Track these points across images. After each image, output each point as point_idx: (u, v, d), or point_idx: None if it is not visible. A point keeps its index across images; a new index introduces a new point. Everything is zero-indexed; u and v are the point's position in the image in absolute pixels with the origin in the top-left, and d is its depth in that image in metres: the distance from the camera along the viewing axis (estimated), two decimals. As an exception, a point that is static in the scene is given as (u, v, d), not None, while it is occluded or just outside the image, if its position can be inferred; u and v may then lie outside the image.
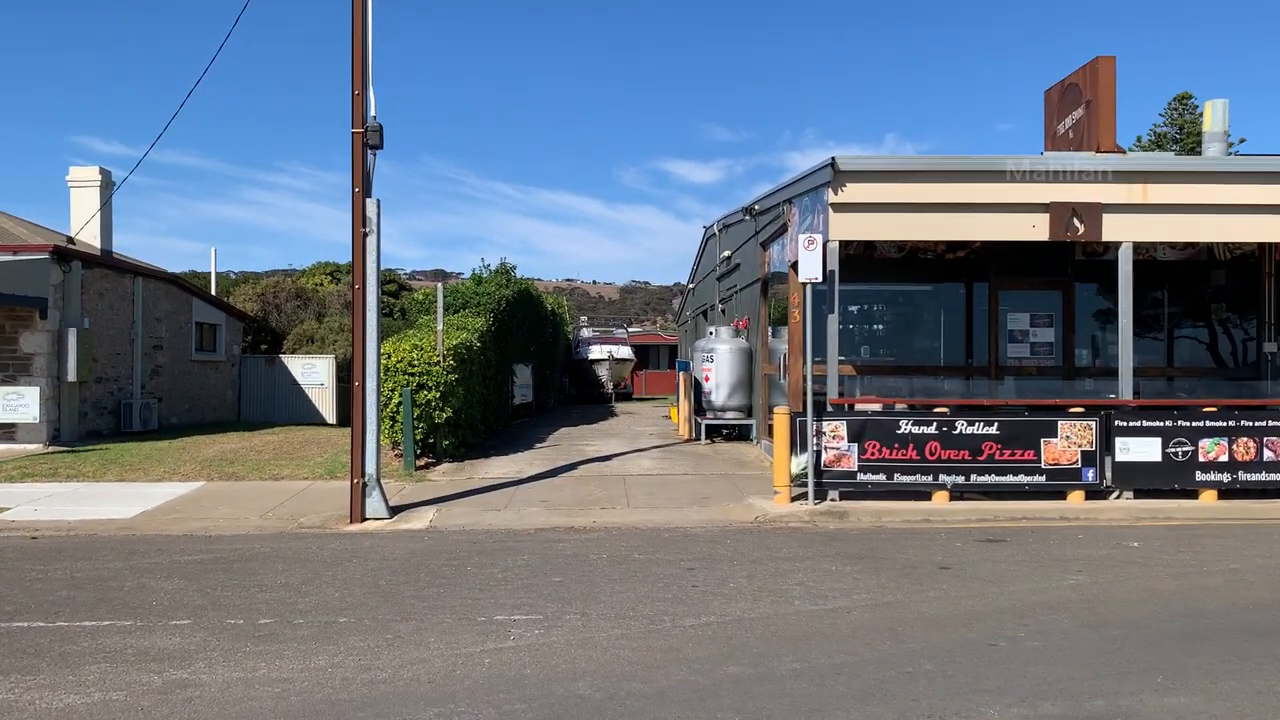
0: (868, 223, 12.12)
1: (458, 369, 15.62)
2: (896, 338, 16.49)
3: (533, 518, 11.52)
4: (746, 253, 18.98)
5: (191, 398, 24.63)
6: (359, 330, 11.60)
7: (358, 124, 11.59)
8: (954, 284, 15.83)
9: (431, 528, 10.98)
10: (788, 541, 9.86)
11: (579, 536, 10.25)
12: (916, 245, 15.01)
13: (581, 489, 13.41)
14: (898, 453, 11.89)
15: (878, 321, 17.36)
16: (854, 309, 17.23)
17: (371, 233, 11.60)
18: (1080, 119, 13.18)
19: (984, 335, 15.48)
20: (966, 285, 16.44)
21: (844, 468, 11.91)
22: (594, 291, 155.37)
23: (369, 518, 11.49)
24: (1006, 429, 11.89)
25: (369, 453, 11.55)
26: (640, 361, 44.23)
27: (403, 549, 9.56)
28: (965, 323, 16.35)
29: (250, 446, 18.16)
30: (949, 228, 12.12)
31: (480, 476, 14.60)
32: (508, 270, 22.65)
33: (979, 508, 11.66)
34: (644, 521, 11.18)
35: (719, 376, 18.23)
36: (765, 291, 17.33)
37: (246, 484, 14.20)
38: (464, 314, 19.27)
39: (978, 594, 7.43)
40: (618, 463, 15.93)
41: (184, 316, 24.25)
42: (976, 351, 15.56)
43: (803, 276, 11.68)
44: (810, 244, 11.61)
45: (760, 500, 12.27)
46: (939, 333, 16.05)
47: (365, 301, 11.59)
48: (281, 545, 9.87)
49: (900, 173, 11.98)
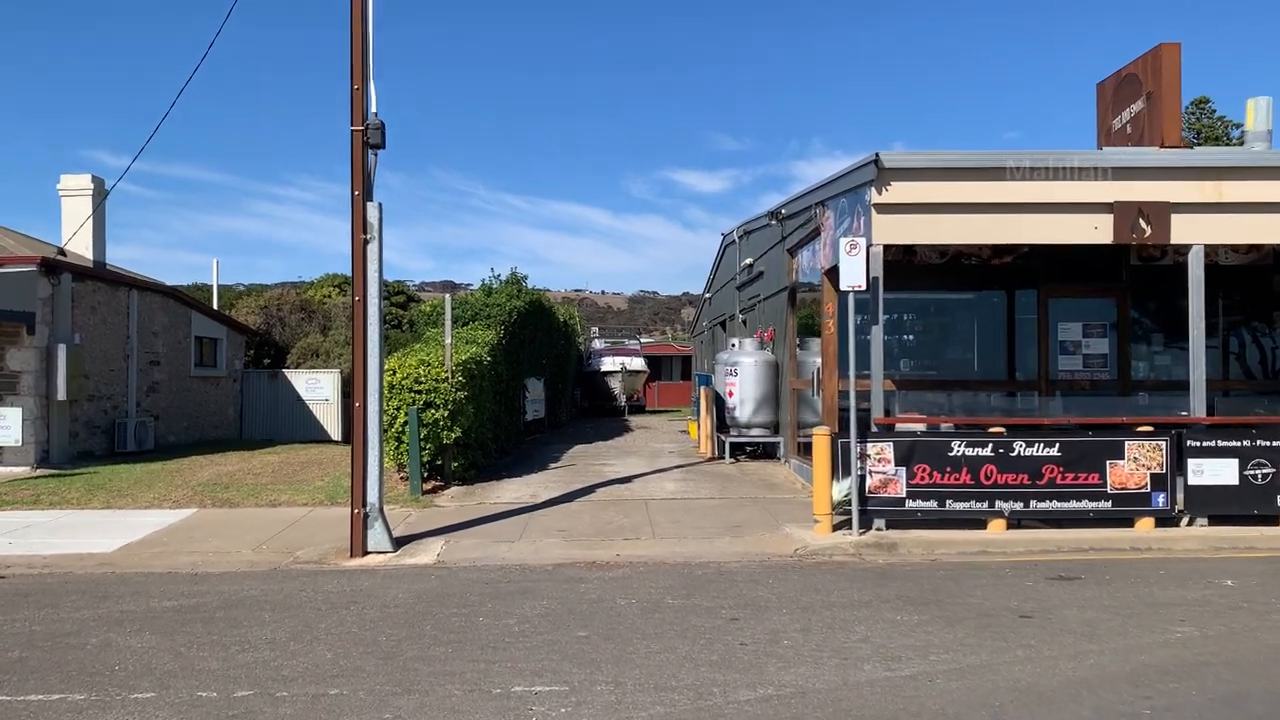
0: (914, 225, 11.10)
1: (467, 385, 14.63)
2: (935, 350, 15.45)
3: (550, 550, 10.50)
4: (771, 260, 17.95)
5: (191, 415, 23.69)
6: (359, 345, 10.61)
7: (357, 121, 10.62)
8: (999, 292, 14.78)
9: (439, 563, 9.97)
10: (836, 581, 8.81)
11: (602, 574, 9.21)
12: (960, 250, 13.97)
13: (601, 515, 12.38)
14: (950, 477, 10.83)
15: (915, 332, 16.32)
16: (888, 318, 16.17)
17: (373, 239, 10.62)
18: (1140, 112, 12.14)
19: (1031, 347, 14.41)
20: (1008, 293, 15.40)
21: (890, 494, 10.86)
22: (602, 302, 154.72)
23: (371, 551, 10.48)
24: (1069, 450, 10.82)
25: (371, 480, 10.55)
26: (652, 373, 43.20)
27: (407, 591, 8.53)
28: (1011, 334, 15.30)
29: (249, 468, 17.17)
30: (1003, 230, 11.08)
31: (492, 501, 13.58)
32: (519, 280, 21.67)
33: (1040, 538, 10.60)
34: (672, 555, 10.15)
35: (743, 391, 17.19)
36: (793, 300, 16.30)
37: (241, 511, 13.20)
38: (473, 326, 18.29)
39: (1074, 652, 6.37)
40: (639, 485, 14.89)
41: (182, 330, 23.32)
42: (1024, 364, 14.51)
43: (844, 284, 10.65)
44: (852, 249, 10.59)
45: (798, 529, 11.22)
46: (982, 345, 15.01)
47: (366, 314, 10.61)
48: (272, 587, 8.86)
49: (950, 170, 10.95)
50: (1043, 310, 13.78)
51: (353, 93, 10.64)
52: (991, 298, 14.93)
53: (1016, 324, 14.83)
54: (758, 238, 19.55)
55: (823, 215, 13.51)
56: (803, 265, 15.51)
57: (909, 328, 16.24)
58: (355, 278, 10.63)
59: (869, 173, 10.93)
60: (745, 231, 21.07)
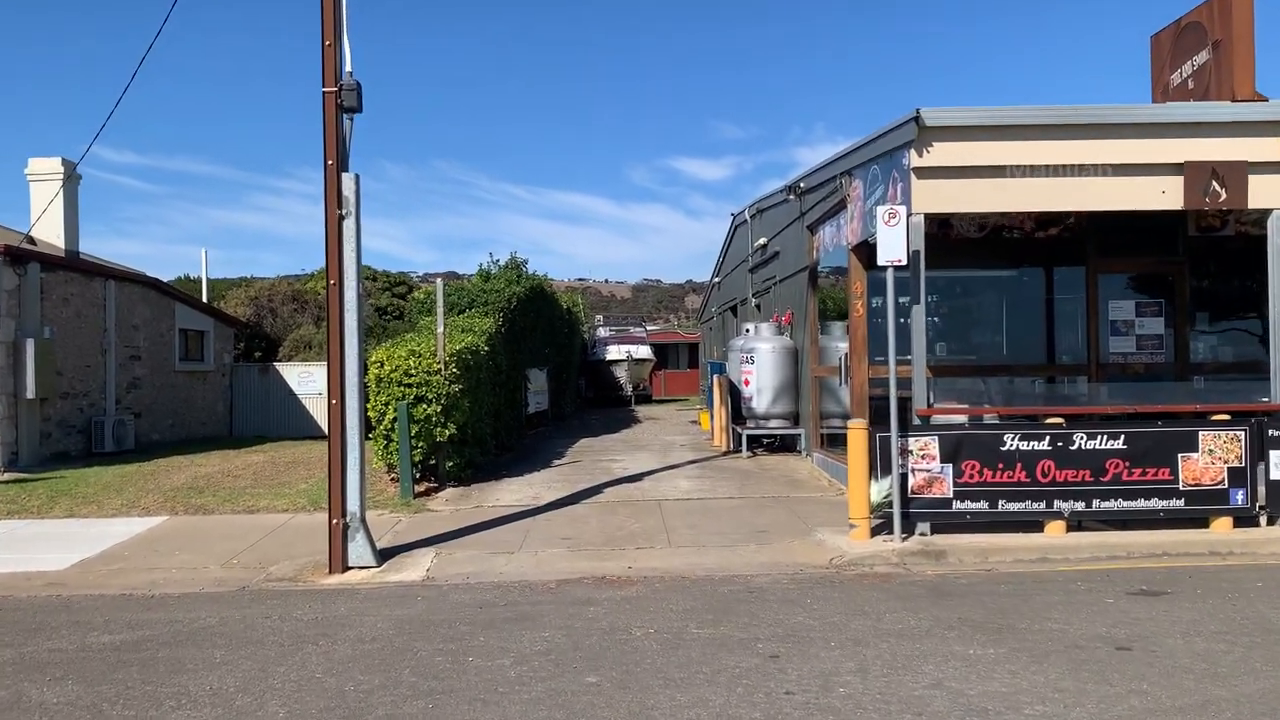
0: (958, 191, 9.86)
1: (462, 378, 13.43)
2: (963, 333, 14.21)
3: (554, 562, 9.31)
4: (788, 238, 16.71)
5: (176, 412, 22.52)
6: (335, 334, 9.40)
7: (329, 81, 9.39)
8: (1038, 269, 13.54)
9: (428, 580, 8.79)
10: (885, 599, 7.61)
11: (613, 593, 8.02)
12: (1001, 222, 12.74)
13: (610, 520, 11.19)
14: (1002, 474, 9.62)
15: (942, 314, 15.07)
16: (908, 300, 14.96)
17: (349, 215, 9.41)
18: (1205, 64, 10.87)
19: (1070, 328, 13.17)
20: (1046, 271, 14.16)
21: (936, 494, 9.65)
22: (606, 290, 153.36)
23: (352, 566, 9.31)
24: (1136, 443, 9.60)
25: (351, 486, 9.37)
26: (659, 361, 42.00)
27: (387, 619, 7.35)
28: (1050, 315, 14.06)
29: (230, 469, 16.00)
30: (1059, 195, 9.83)
31: (490, 504, 12.40)
32: (518, 265, 20.43)
33: (1105, 541, 9.40)
34: (693, 567, 8.96)
35: (760, 380, 15.97)
36: (813, 281, 15.07)
37: (215, 519, 12.03)
38: (470, 314, 17.08)
39: (1201, 700, 5.16)
40: (650, 483, 13.69)
41: (165, 323, 22.13)
42: (1064, 347, 13.27)
43: (882, 258, 9.43)
44: (891, 218, 9.35)
45: (832, 534, 10.02)
46: (1017, 327, 13.77)
47: (343, 299, 9.41)
48: (235, 614, 7.68)
49: (1000, 128, 9.71)
50: (1092, 287, 12.53)
51: (324, 50, 9.41)
52: (1037, 275, 13.68)
53: (1066, 303, 13.58)
54: (772, 215, 18.31)
55: (850, 185, 12.27)
56: (825, 242, 14.27)
57: (949, 309, 15.01)
58: (329, 259, 9.42)
59: (908, 133, 9.69)
60: (758, 210, 19.82)
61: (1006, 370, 13.19)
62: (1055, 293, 13.56)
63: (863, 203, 11.71)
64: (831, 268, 14.96)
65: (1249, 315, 12.68)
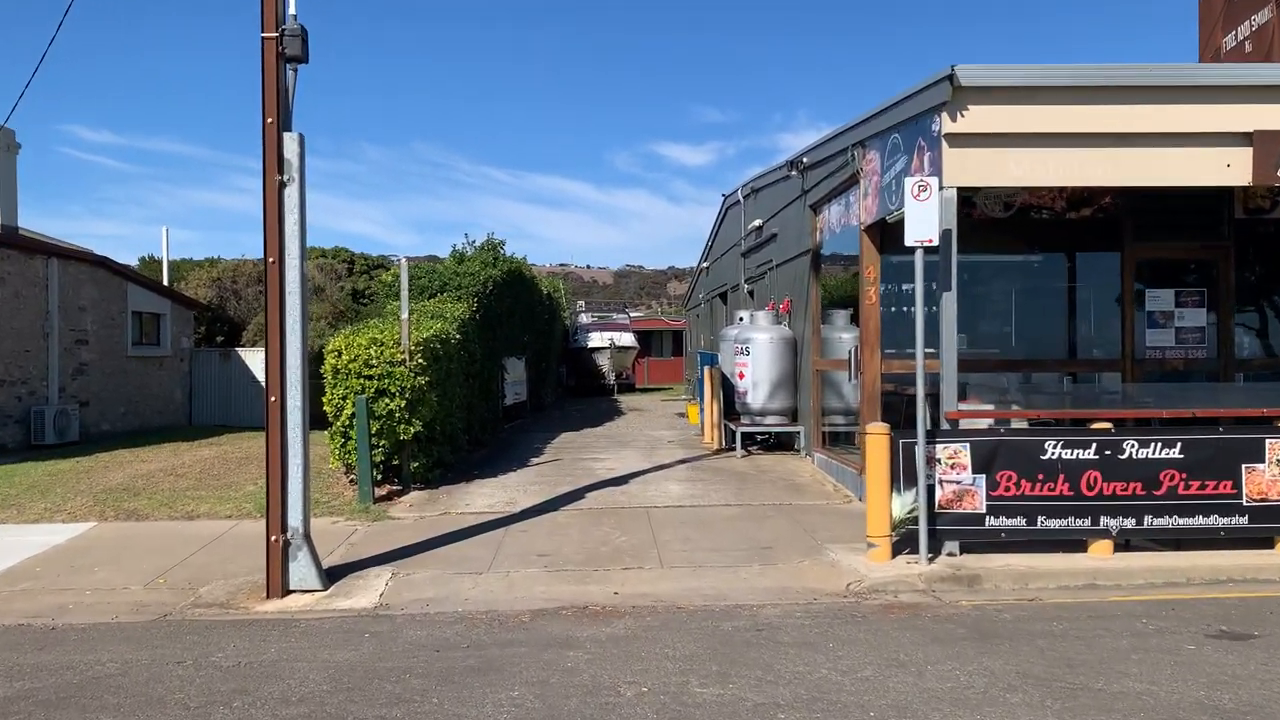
0: (996, 162, 8.60)
1: (430, 368, 12.11)
2: (993, 324, 13.00)
3: (528, 585, 8.05)
4: (788, 219, 15.44)
5: (129, 400, 21.07)
6: (274, 321, 8.08)
7: (269, 26, 8.04)
8: (1071, 253, 12.33)
9: (380, 609, 7.51)
10: (919, 641, 6.39)
11: (598, 629, 6.77)
12: (1030, 201, 11.51)
13: (593, 532, 9.93)
14: (1043, 487, 8.41)
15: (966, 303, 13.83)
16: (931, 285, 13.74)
17: (292, 181, 8.08)
18: (1267, 24, 9.64)
19: (1111, 319, 11.96)
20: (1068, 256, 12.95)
21: (966, 509, 8.43)
22: (588, 276, 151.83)
23: (294, 589, 8.03)
24: (1194, 451, 8.41)
25: (292, 498, 8.07)
26: (642, 349, 40.73)
27: (324, 668, 6.06)
28: (1071, 304, 12.87)
29: (177, 465, 14.62)
30: (1110, 168, 8.59)
31: (459, 511, 11.11)
32: (495, 246, 19.05)
33: (1160, 565, 8.21)
34: (689, 594, 7.72)
35: (756, 373, 14.73)
36: (816, 265, 13.81)
37: (148, 526, 10.70)
38: (441, 299, 15.73)
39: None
40: (637, 486, 12.43)
41: (116, 305, 20.65)
42: (1103, 340, 12.08)
43: (910, 237, 8.17)
44: (921, 191, 8.09)
45: (846, 553, 8.79)
46: (1051, 317, 12.56)
47: (284, 280, 8.08)
48: (143, 657, 6.38)
49: (1046, 89, 8.45)
50: (1127, 274, 11.32)
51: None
52: (1058, 261, 12.47)
53: (1085, 293, 12.39)
54: (769, 195, 17.03)
55: (863, 158, 11.00)
56: (830, 223, 13.01)
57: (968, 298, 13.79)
58: (268, 232, 8.07)
59: (940, 94, 8.43)
60: (753, 189, 18.54)
61: (1032, 366, 11.98)
62: (1085, 281, 12.36)
63: (879, 177, 10.45)
64: (832, 253, 13.72)
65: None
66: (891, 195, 9.99)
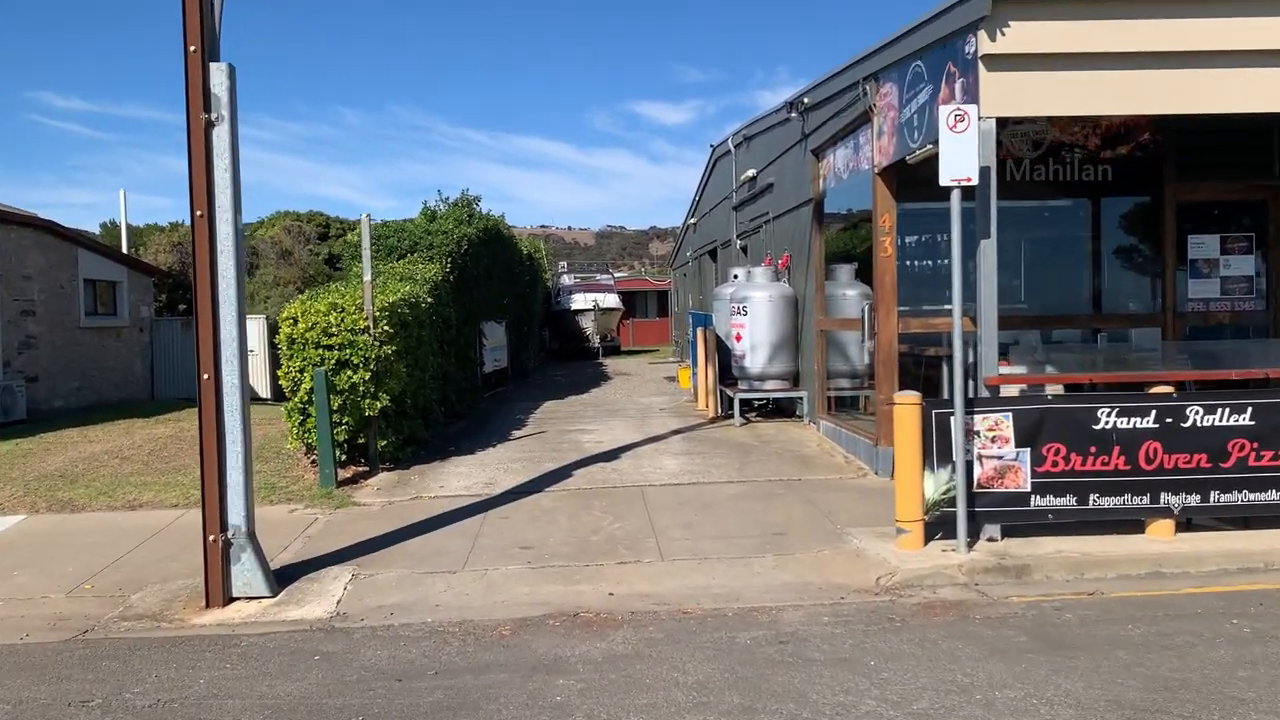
0: (1041, 87, 7.45)
1: (397, 336, 10.94)
2: (1017, 277, 11.91)
3: (509, 586, 6.97)
4: (785, 167, 14.26)
5: (84, 374, 19.76)
6: (204, 285, 6.88)
7: (188, -66, 6.74)
8: (1104, 197, 11.22)
9: (336, 619, 6.42)
10: (974, 652, 5.35)
11: (591, 645, 5.70)
12: (1061, 139, 10.38)
13: (583, 518, 8.85)
14: (1095, 460, 7.36)
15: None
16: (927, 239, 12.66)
17: (221, 121, 6.84)
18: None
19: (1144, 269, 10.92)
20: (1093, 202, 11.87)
21: (1009, 487, 7.38)
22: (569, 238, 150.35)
23: (238, 597, 6.92)
24: (1265, 418, 7.37)
25: (232, 492, 6.93)
26: (626, 310, 39.56)
27: (262, 702, 4.97)
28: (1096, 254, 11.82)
29: (127, 446, 13.43)
30: (1176, 93, 7.45)
31: (432, 494, 10.01)
32: (470, 203, 17.76)
33: (1229, 548, 7.21)
34: (695, 593, 6.66)
35: (755, 334, 13.62)
36: (818, 216, 12.65)
37: (84, 518, 9.55)
38: (411, 260, 14.50)
39: None
40: (628, 462, 11.34)
41: (66, 273, 19.28)
42: (1139, 291, 11.03)
43: (946, 176, 7.03)
44: (959, 122, 6.94)
45: (871, 539, 7.74)
46: (1082, 268, 11.48)
47: (214, 236, 6.87)
48: (40, 693, 5.27)
49: (1101, 2, 7.27)
50: (1168, 218, 10.23)
51: (177, -113, 6.75)
52: (1090, 206, 11.38)
53: (1120, 241, 11.31)
54: (763, 143, 15.82)
55: (877, 92, 9.82)
56: (835, 168, 11.84)
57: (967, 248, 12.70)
58: (194, 180, 6.85)
59: (976, 8, 7.24)
60: (745, 137, 17.31)
61: (1063, 322, 10.94)
62: (1121, 227, 11.29)
63: (896, 113, 9.29)
64: (836, 202, 12.57)
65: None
66: (912, 132, 8.83)
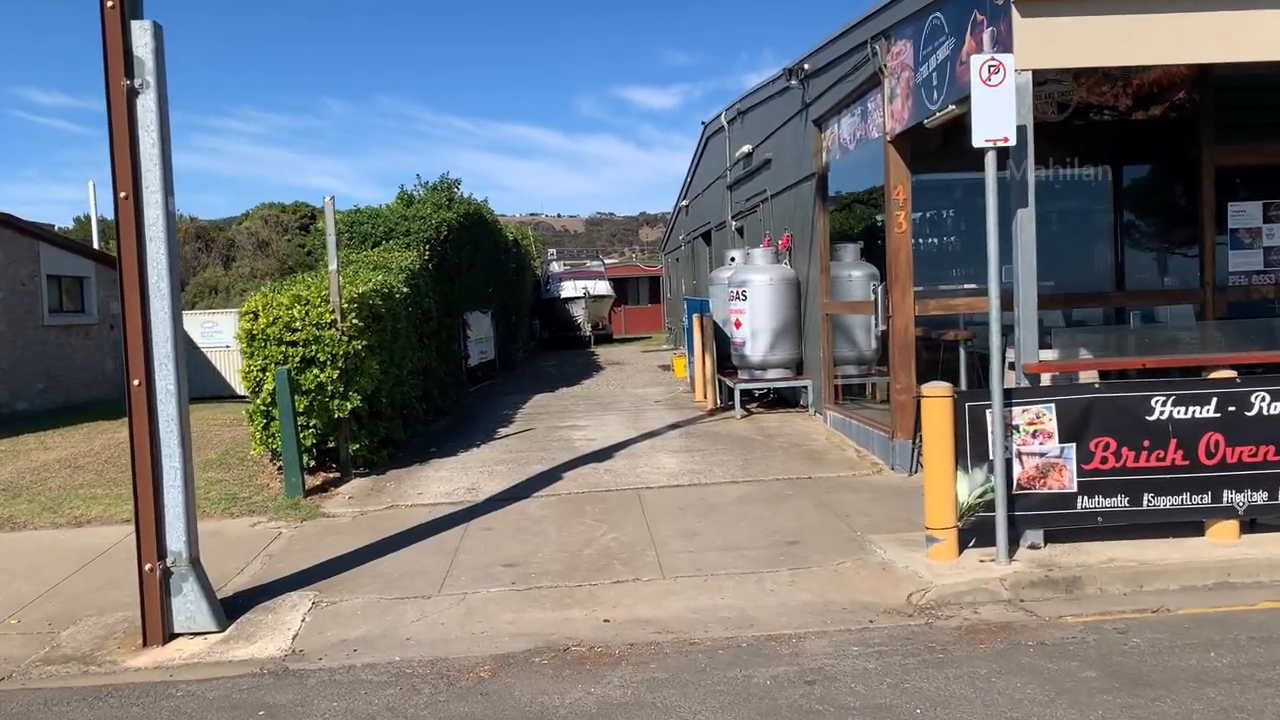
0: (1081, 35, 6.58)
1: (369, 330, 10.06)
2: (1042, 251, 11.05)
3: (489, 614, 6.12)
4: (784, 141, 13.37)
5: (49, 374, 18.83)
6: (131, 277, 5.98)
7: None
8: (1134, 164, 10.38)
9: (292, 658, 5.57)
10: (1039, 694, 4.53)
11: (585, 690, 4.86)
12: (1090, 100, 9.52)
13: (574, 526, 8.00)
14: (1149, 456, 6.53)
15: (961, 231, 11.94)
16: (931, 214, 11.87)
17: (146, 88, 5.94)
18: None
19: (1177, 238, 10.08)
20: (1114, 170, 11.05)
21: (1052, 488, 6.55)
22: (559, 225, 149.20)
23: (180, 632, 6.06)
24: (1339, 404, 6.55)
25: (171, 513, 6.05)
26: (618, 297, 38.67)
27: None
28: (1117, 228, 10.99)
29: (84, 453, 12.52)
30: (1237, 38, 6.59)
31: (409, 503, 9.14)
32: (450, 186, 16.83)
33: (1303, 550, 6.39)
34: (702, 619, 5.82)
35: (756, 320, 12.76)
36: (822, 191, 11.77)
37: (23, 537, 8.67)
38: (386, 248, 13.58)
39: None
40: (623, 462, 10.48)
41: (27, 269, 18.33)
42: (1175, 265, 10.20)
43: (979, 136, 6.16)
44: (993, 73, 6.07)
45: (898, 548, 6.89)
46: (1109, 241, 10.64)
47: (141, 221, 5.97)
48: (-76, 769, 4.40)
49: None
50: (1206, 185, 9.36)
51: None
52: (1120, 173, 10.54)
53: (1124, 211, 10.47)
54: (760, 116, 14.92)
55: (888, 51, 8.95)
56: (840, 138, 10.96)
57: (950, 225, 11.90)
58: (116, 157, 5.95)
59: (1009, -56, 6.36)
60: (739, 112, 16.42)
61: (1095, 300, 10.11)
62: (1147, 196, 10.45)
63: (911, 72, 8.41)
64: (841, 176, 11.70)
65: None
66: (931, 92, 7.96)
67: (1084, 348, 7.30)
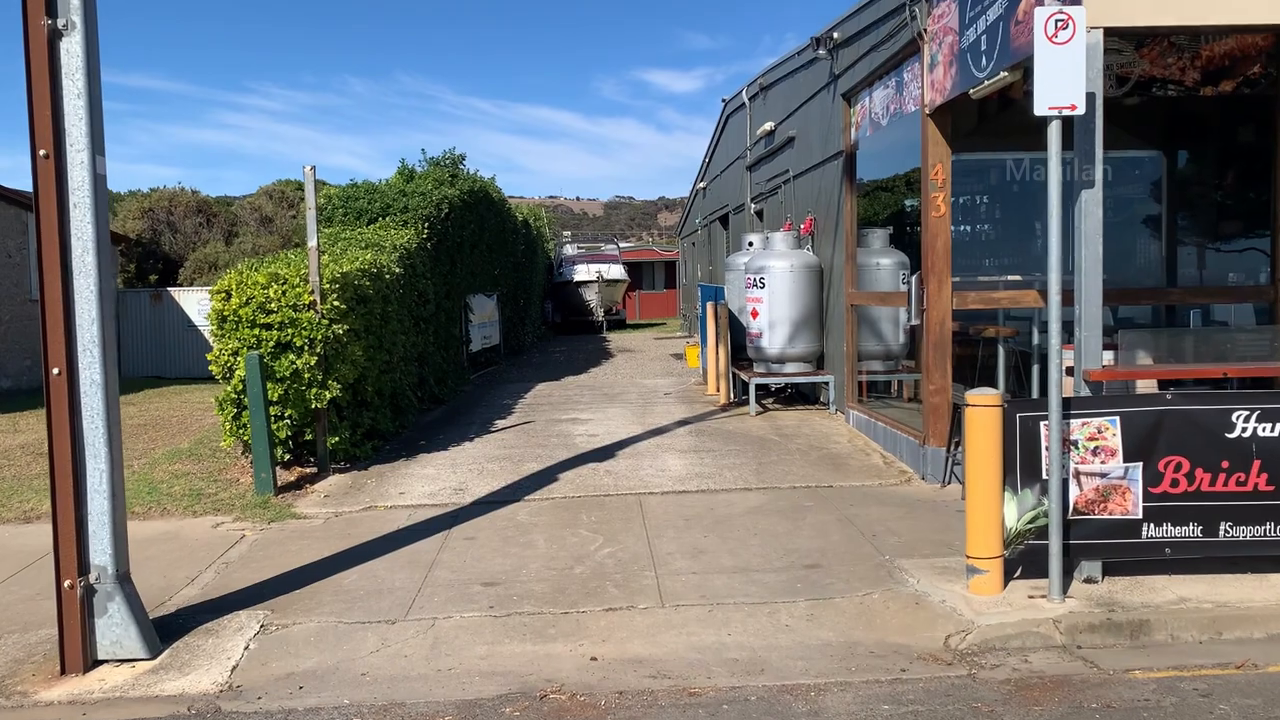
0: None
1: (353, 312, 9.24)
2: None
3: (460, 648, 5.30)
4: (810, 117, 12.44)
5: (37, 351, 18.03)
6: (52, 249, 5.15)
7: None
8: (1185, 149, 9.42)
9: (227, 694, 4.78)
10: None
11: (561, 760, 4.02)
12: (1152, 73, 8.54)
13: (567, 538, 7.16)
14: (1229, 479, 5.63)
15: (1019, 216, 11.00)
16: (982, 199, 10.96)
17: (71, 29, 5.10)
18: None
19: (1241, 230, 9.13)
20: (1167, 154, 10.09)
21: (1113, 514, 5.66)
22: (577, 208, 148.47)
23: (105, 659, 5.27)
24: None
25: (95, 522, 5.25)
26: (632, 282, 37.78)
27: None
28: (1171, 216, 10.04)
29: (57, 437, 11.76)
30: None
31: (389, 503, 8.33)
32: (454, 161, 15.95)
33: (1406, 592, 5.48)
34: (705, 661, 4.99)
35: (774, 310, 11.87)
36: (850, 171, 10.85)
37: (-34, 535, 7.90)
38: (381, 225, 12.74)
39: None
40: (626, 462, 9.63)
41: (14, 241, 17.62)
42: (1237, 261, 9.25)
43: (1043, 103, 5.26)
44: (1061, 29, 5.16)
45: (931, 576, 6.02)
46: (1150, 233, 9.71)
47: (64, 184, 5.14)
48: None
49: None
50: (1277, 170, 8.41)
51: None
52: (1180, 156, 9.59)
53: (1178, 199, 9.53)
54: (783, 91, 13.99)
55: (929, 14, 8.01)
56: (872, 113, 10.03)
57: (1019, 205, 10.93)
58: (35, 108, 5.11)
59: (1082, -121, 5.43)
60: (761, 87, 15.48)
61: (1148, 295, 9.18)
62: (1205, 182, 9.49)
63: (956, 36, 7.49)
64: (872, 154, 10.78)
65: None
66: (979, 58, 7.03)
67: (1150, 351, 6.39)
